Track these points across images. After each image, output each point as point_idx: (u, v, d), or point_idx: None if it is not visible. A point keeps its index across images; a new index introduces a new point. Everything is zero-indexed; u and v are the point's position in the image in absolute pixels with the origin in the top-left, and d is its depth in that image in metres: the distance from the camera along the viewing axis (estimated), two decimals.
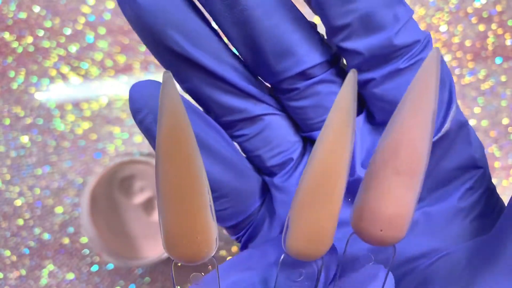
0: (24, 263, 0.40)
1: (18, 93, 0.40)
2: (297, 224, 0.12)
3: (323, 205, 0.12)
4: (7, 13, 0.41)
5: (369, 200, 0.12)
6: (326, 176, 0.12)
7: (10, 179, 0.40)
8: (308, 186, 0.12)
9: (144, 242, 0.38)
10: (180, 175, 0.11)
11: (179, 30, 0.14)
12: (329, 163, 0.11)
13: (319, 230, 0.12)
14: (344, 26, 0.14)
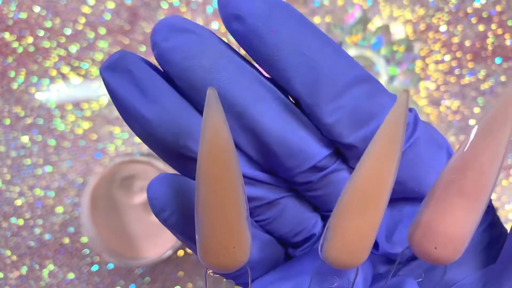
0: (25, 263, 0.40)
1: (18, 93, 0.41)
2: (337, 233, 0.13)
3: (365, 216, 0.12)
4: (8, 13, 0.41)
5: (428, 216, 0.12)
6: (371, 188, 0.12)
7: (11, 179, 0.40)
8: (353, 196, 0.12)
9: (144, 242, 0.38)
10: (221, 188, 0.12)
11: (189, 137, 0.14)
12: (376, 175, 0.12)
13: (359, 240, 0.12)
14: (334, 123, 0.14)
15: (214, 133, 0.11)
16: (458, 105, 0.41)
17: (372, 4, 0.41)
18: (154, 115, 0.14)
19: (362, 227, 0.12)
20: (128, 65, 0.14)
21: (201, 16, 0.41)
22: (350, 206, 0.12)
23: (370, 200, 0.12)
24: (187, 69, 0.14)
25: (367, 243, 0.13)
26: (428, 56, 0.41)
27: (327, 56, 0.14)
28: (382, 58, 0.38)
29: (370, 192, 0.12)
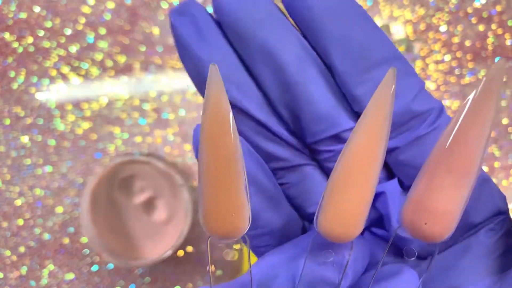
0: (24, 263, 0.40)
1: (18, 93, 0.41)
2: (331, 205, 0.13)
3: (357, 188, 0.13)
4: (8, 13, 0.41)
5: (418, 193, 0.13)
6: (362, 160, 0.12)
7: (10, 179, 0.40)
8: (344, 169, 0.13)
9: (144, 242, 0.38)
10: (221, 158, 0.12)
11: (233, 83, 0.16)
12: (366, 148, 0.12)
13: (351, 212, 0.13)
14: (362, 94, 0.15)
15: (216, 105, 0.12)
16: (458, 105, 0.41)
17: (372, 4, 0.41)
18: (206, 55, 0.16)
19: (354, 199, 0.13)
20: (194, 11, 0.16)
21: None
22: (343, 178, 0.13)
23: (361, 173, 0.13)
24: (240, 20, 0.15)
25: (359, 215, 0.13)
26: (428, 56, 0.41)
27: (366, 31, 0.15)
28: None
29: (361, 164, 0.12)
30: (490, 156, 0.40)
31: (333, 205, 0.13)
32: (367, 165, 0.12)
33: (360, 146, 0.12)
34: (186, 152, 0.40)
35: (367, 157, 0.12)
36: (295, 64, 0.15)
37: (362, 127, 0.12)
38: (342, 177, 0.13)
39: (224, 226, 0.13)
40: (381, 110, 0.12)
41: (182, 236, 0.36)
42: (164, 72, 0.41)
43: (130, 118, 0.40)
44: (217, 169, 0.13)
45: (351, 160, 0.13)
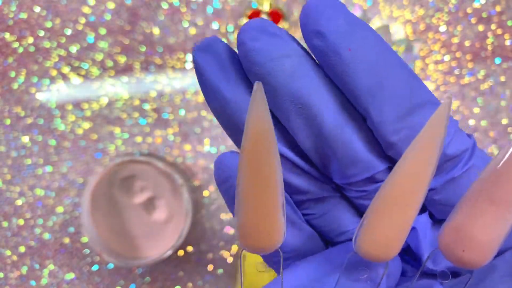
0: (25, 262, 0.40)
1: (18, 93, 0.41)
2: (373, 226, 0.13)
3: (400, 213, 0.13)
4: (8, 13, 0.41)
5: (458, 221, 0.13)
6: (409, 187, 0.13)
7: (11, 179, 0.40)
8: (390, 194, 0.13)
9: (144, 242, 0.38)
10: (263, 176, 0.13)
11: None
12: (414, 176, 0.13)
13: (392, 235, 0.13)
14: (397, 141, 0.15)
15: (258, 123, 0.12)
16: (457, 105, 0.41)
17: (372, 4, 0.41)
18: (231, 94, 0.16)
19: (395, 223, 0.13)
20: (218, 49, 0.16)
21: (201, 16, 0.41)
22: (387, 202, 0.13)
23: (407, 199, 0.13)
24: (269, 71, 0.15)
25: (398, 239, 0.13)
26: (428, 56, 0.41)
27: (399, 77, 0.15)
28: None
29: (407, 191, 0.13)
30: (489, 156, 0.40)
31: (375, 228, 0.13)
32: (413, 192, 0.13)
33: (408, 173, 0.13)
34: (186, 152, 0.40)
35: (414, 184, 0.13)
36: (328, 113, 0.15)
37: (413, 154, 0.13)
38: (387, 201, 0.13)
39: (261, 242, 0.14)
40: (434, 139, 0.12)
41: (182, 236, 0.37)
42: (164, 72, 0.41)
43: (130, 118, 0.40)
44: (258, 188, 0.13)
45: (398, 186, 0.13)
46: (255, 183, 0.13)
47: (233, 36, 0.41)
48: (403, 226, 0.13)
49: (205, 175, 0.40)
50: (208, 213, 0.40)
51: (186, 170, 0.40)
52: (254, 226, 0.13)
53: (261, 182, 0.13)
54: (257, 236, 0.14)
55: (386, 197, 0.13)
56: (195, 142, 0.40)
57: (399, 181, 0.13)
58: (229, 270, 0.40)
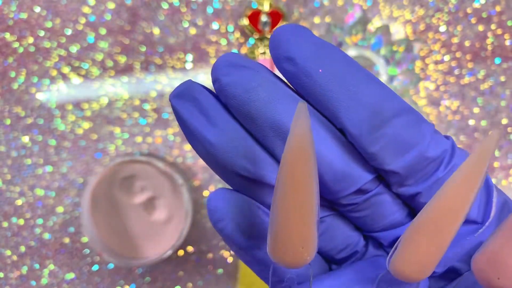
0: (25, 262, 0.40)
1: (19, 93, 0.41)
2: (409, 247, 0.14)
3: (438, 237, 0.13)
4: (8, 13, 0.41)
5: (496, 246, 0.14)
6: (449, 213, 0.13)
7: (11, 179, 0.40)
8: (431, 217, 0.13)
9: (144, 242, 0.38)
10: (300, 191, 0.13)
11: (248, 158, 0.16)
12: (455, 203, 0.13)
13: (427, 257, 0.14)
14: (377, 151, 0.16)
15: (300, 140, 0.12)
16: (457, 105, 0.41)
17: (372, 4, 0.41)
18: (215, 138, 0.16)
19: (432, 246, 0.14)
20: (194, 93, 0.16)
21: (201, 16, 0.41)
22: (426, 225, 0.13)
23: (446, 223, 0.13)
24: (247, 101, 0.15)
25: (433, 261, 0.14)
26: (428, 56, 0.41)
27: (371, 90, 0.15)
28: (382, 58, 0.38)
29: (448, 216, 0.13)
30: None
31: (412, 249, 0.14)
32: (454, 217, 0.13)
33: (451, 199, 0.13)
34: (186, 152, 0.40)
35: (456, 210, 0.13)
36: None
37: (458, 181, 0.13)
38: (428, 225, 0.13)
39: (293, 258, 0.14)
40: (479, 169, 0.13)
41: (182, 236, 0.37)
42: (164, 72, 0.41)
43: (131, 118, 0.41)
44: (296, 204, 0.13)
45: (439, 211, 0.13)
46: (294, 200, 0.13)
47: (233, 36, 0.41)
48: (440, 250, 0.14)
49: (205, 175, 0.40)
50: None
51: (186, 170, 0.40)
52: (289, 241, 0.14)
53: (300, 199, 0.13)
54: (291, 251, 0.14)
55: (427, 221, 0.13)
56: None
57: (442, 206, 0.13)
58: (229, 270, 0.40)
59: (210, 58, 0.41)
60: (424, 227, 0.13)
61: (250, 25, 0.39)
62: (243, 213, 0.17)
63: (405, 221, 0.18)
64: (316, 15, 0.41)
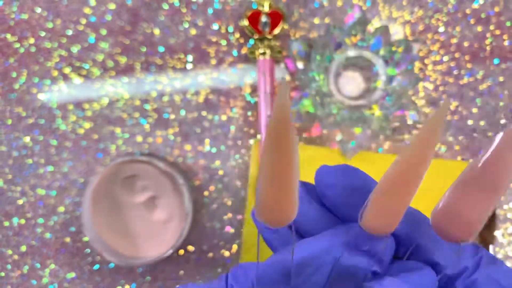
0: (26, 262, 0.40)
1: (20, 94, 0.41)
2: (376, 205, 0.16)
3: (401, 194, 0.15)
4: (9, 14, 0.41)
5: (449, 200, 0.16)
6: (408, 173, 0.15)
7: (12, 178, 0.41)
8: (393, 177, 0.15)
9: (145, 241, 0.38)
10: (283, 159, 0.14)
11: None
12: (414, 164, 0.15)
13: (391, 212, 0.16)
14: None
15: (282, 111, 0.14)
16: (456, 105, 0.41)
17: (371, 5, 0.41)
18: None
19: (396, 202, 0.15)
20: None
21: (201, 17, 0.41)
22: (390, 184, 0.15)
23: (407, 181, 0.15)
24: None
25: (398, 215, 0.16)
26: (427, 56, 0.41)
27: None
28: (381, 59, 0.38)
29: (408, 174, 0.15)
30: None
31: (378, 205, 0.16)
32: (414, 173, 0.15)
33: (412, 157, 0.15)
34: (186, 152, 0.40)
35: (416, 167, 0.15)
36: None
37: (416, 142, 0.15)
38: (391, 183, 0.15)
39: (278, 216, 0.16)
40: (434, 131, 0.14)
41: (183, 236, 0.37)
42: (165, 73, 0.41)
43: (131, 118, 0.41)
44: (279, 170, 0.15)
45: (401, 169, 0.15)
46: (277, 163, 0.14)
47: (234, 37, 0.41)
48: (403, 205, 0.15)
49: (206, 174, 0.40)
50: (208, 213, 0.40)
51: (186, 170, 0.40)
52: (274, 202, 0.15)
53: (282, 162, 0.14)
54: (275, 211, 0.15)
55: (391, 180, 0.15)
56: (196, 142, 0.40)
57: (402, 166, 0.15)
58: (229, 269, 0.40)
59: (210, 58, 0.41)
60: (388, 185, 0.15)
61: (250, 25, 0.40)
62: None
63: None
64: (315, 15, 0.41)
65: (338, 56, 0.38)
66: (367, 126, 0.38)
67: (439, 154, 0.41)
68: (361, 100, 0.38)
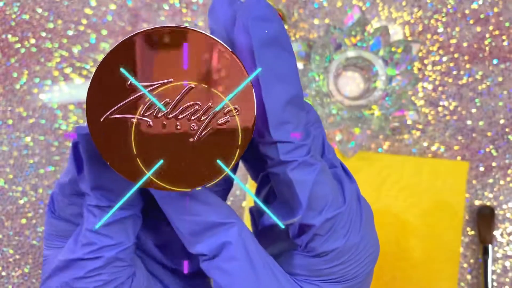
0: (27, 261, 0.41)
1: (21, 94, 0.41)
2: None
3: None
4: (10, 14, 0.41)
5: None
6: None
7: (13, 178, 0.41)
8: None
9: None
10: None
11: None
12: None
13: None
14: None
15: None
16: (455, 105, 0.41)
17: (371, 6, 0.41)
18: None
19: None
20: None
21: (201, 17, 0.41)
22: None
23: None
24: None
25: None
26: (426, 57, 0.41)
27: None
28: (381, 59, 0.38)
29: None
30: (487, 156, 0.41)
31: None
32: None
33: None
34: None
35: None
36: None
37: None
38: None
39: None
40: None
41: None
42: None
43: None
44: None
45: None
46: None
47: None
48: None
49: None
50: None
51: None
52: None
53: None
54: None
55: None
56: None
57: None
58: None
59: None
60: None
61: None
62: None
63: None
64: (315, 16, 0.41)
65: (338, 56, 0.38)
66: (366, 126, 0.38)
67: (438, 154, 0.41)
68: (360, 100, 0.38)
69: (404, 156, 0.41)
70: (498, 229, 0.41)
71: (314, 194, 0.15)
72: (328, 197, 0.15)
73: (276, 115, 0.14)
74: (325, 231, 0.16)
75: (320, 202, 0.15)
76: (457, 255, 0.40)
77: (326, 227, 0.15)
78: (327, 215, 0.15)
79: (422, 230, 0.40)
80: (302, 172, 0.15)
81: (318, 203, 0.15)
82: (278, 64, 0.14)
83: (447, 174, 0.40)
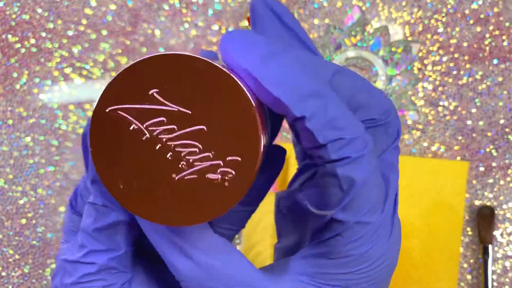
0: (27, 261, 0.41)
1: (21, 94, 0.41)
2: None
3: None
4: (10, 14, 0.41)
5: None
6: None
7: (13, 178, 0.41)
8: None
9: None
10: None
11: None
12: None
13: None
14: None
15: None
16: (455, 105, 0.41)
17: (371, 6, 0.41)
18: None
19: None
20: None
21: (201, 17, 0.41)
22: None
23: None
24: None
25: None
26: (426, 57, 0.41)
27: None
28: (381, 59, 0.38)
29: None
30: (487, 156, 0.41)
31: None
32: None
33: None
34: None
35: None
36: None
37: None
38: None
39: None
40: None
41: None
42: None
43: None
44: None
45: None
46: None
47: None
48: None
49: None
50: None
51: None
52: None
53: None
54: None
55: None
56: None
57: None
58: None
59: None
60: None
61: (250, 26, 0.40)
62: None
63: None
64: (315, 16, 0.41)
65: (338, 56, 0.38)
66: None
67: (438, 154, 0.41)
68: None
69: (404, 156, 0.41)
70: (498, 229, 0.41)
71: (358, 195, 0.14)
72: (370, 200, 0.14)
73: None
74: (350, 234, 0.15)
75: (361, 203, 0.14)
76: (457, 255, 0.40)
77: (354, 230, 0.15)
78: (362, 219, 0.14)
79: (422, 230, 0.40)
80: (353, 171, 0.14)
81: (359, 203, 0.14)
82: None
83: (447, 174, 0.40)
